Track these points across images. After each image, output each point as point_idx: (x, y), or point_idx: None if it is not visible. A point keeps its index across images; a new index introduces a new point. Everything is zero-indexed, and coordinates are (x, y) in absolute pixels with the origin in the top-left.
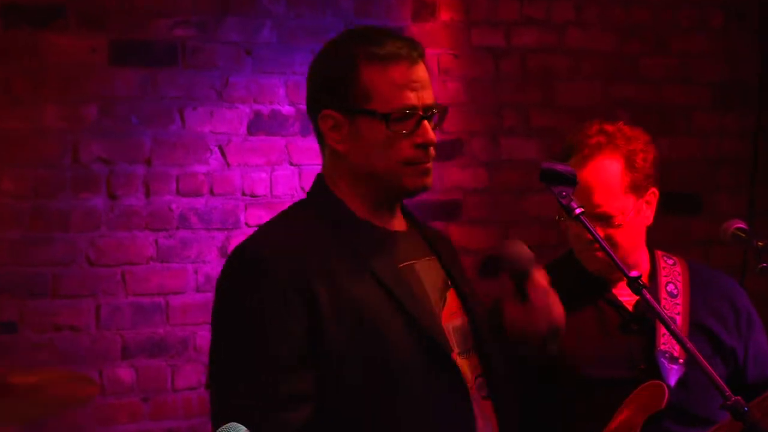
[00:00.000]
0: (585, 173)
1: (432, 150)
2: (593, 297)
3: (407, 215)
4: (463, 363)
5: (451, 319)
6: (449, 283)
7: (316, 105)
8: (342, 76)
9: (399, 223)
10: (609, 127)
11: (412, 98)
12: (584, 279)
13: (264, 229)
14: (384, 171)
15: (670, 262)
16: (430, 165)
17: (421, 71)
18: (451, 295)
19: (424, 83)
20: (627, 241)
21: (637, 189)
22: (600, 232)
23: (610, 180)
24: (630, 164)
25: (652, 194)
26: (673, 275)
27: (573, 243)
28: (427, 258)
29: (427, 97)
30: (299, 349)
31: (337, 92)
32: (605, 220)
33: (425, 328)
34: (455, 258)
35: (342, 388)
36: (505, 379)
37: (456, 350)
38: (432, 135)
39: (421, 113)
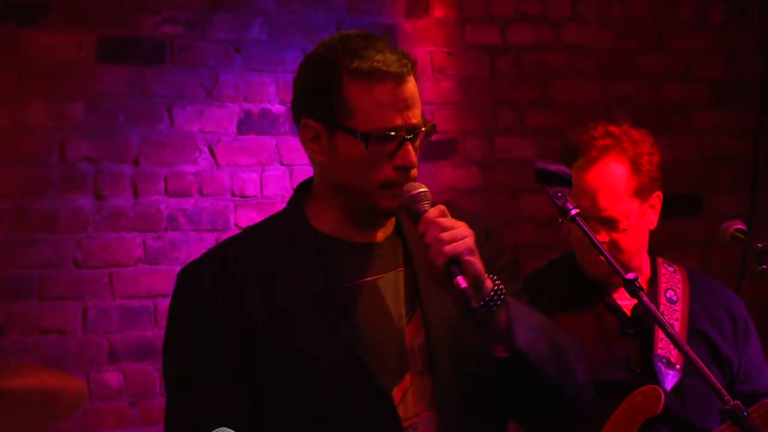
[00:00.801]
0: (591, 176)
1: (413, 172)
2: (592, 300)
3: (398, 223)
4: (425, 380)
5: (417, 334)
6: (416, 297)
7: (298, 111)
8: (325, 88)
9: (374, 235)
10: (615, 130)
11: (396, 119)
12: (583, 282)
13: (212, 248)
14: (359, 189)
15: (671, 269)
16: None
17: (408, 89)
18: (419, 310)
19: (410, 102)
20: (631, 245)
21: (642, 193)
22: (604, 237)
23: (616, 183)
24: (636, 168)
25: (657, 198)
26: (672, 282)
27: (576, 247)
28: (398, 270)
29: (413, 116)
30: (231, 368)
31: (318, 103)
32: (610, 224)
33: (361, 356)
34: None
35: (274, 409)
36: (456, 403)
37: (417, 367)
38: (413, 158)
39: (404, 134)
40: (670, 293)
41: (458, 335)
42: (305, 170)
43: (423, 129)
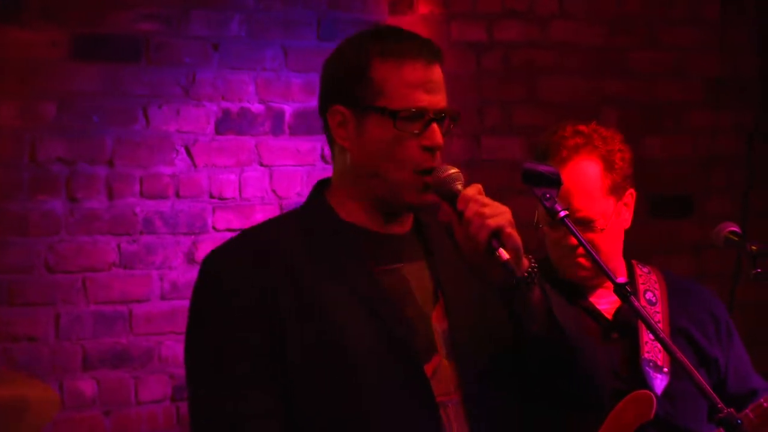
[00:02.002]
0: (564, 176)
1: (438, 155)
2: (570, 303)
3: (416, 216)
4: (451, 366)
5: (441, 321)
6: (439, 288)
7: (326, 101)
8: (354, 71)
9: (397, 226)
10: (584, 129)
11: (424, 99)
12: (559, 287)
13: (234, 237)
14: (387, 174)
15: (645, 270)
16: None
17: (436, 73)
18: (442, 299)
19: (438, 86)
20: (608, 245)
21: (616, 190)
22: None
23: (590, 183)
24: (609, 165)
25: (630, 196)
26: (650, 283)
27: (551, 250)
28: (421, 261)
29: (440, 100)
30: (260, 364)
31: (347, 87)
32: (586, 224)
33: (397, 333)
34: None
35: (307, 397)
36: (480, 388)
37: (444, 352)
38: (440, 138)
39: (431, 116)
40: (649, 295)
41: (480, 323)
42: (286, 171)
43: (448, 115)
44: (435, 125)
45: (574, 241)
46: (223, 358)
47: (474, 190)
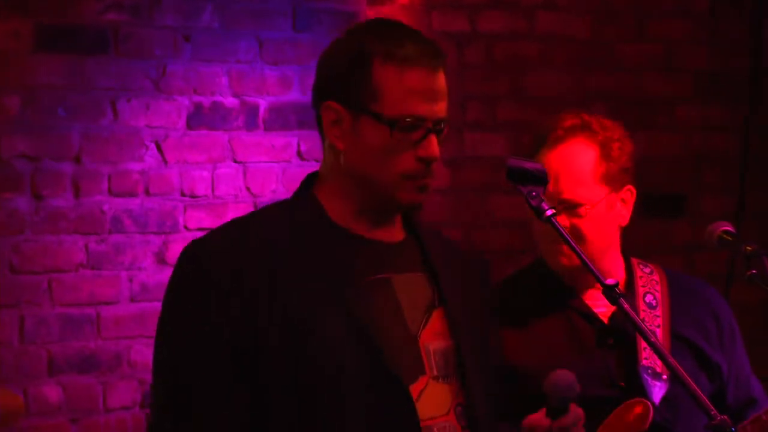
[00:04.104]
0: (554, 155)
1: (433, 167)
2: (563, 308)
3: (411, 225)
4: (441, 388)
5: (434, 339)
6: (437, 302)
7: (321, 94)
8: (353, 69)
9: (390, 234)
10: (585, 115)
11: (424, 108)
12: (552, 286)
13: (218, 228)
14: (378, 178)
15: (647, 270)
16: (428, 181)
17: (439, 82)
18: (437, 315)
19: (439, 95)
20: (595, 236)
21: (611, 181)
22: (565, 221)
23: (582, 165)
24: (605, 153)
25: (629, 192)
26: (651, 284)
27: (539, 239)
28: (416, 273)
29: (440, 110)
30: (230, 370)
31: (345, 85)
32: (570, 208)
33: (379, 347)
34: (462, 276)
35: (282, 410)
36: (486, 410)
37: (432, 373)
38: (436, 151)
39: (430, 126)
40: (649, 297)
41: (478, 345)
42: (260, 168)
43: (446, 126)
44: (433, 137)
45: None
46: (194, 352)
47: (580, 418)
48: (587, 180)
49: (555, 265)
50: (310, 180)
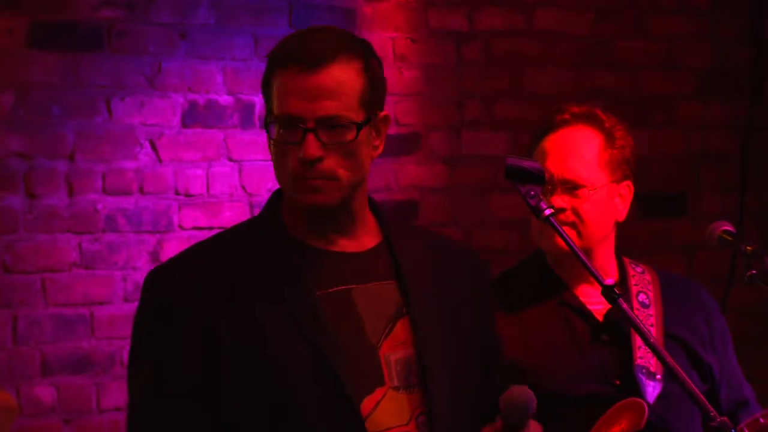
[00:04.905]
0: (560, 136)
1: (321, 166)
2: (559, 304)
3: (386, 229)
4: (402, 398)
5: (396, 349)
6: (404, 310)
7: None
8: (264, 77)
9: (355, 243)
10: (588, 107)
11: (296, 107)
12: (547, 280)
13: (182, 252)
14: (280, 183)
15: (639, 269)
16: (318, 182)
17: (320, 78)
18: (402, 323)
19: (320, 92)
20: (594, 222)
21: (613, 170)
22: (566, 202)
23: (587, 149)
24: (610, 140)
25: (627, 188)
26: (643, 284)
27: (535, 226)
28: (382, 282)
29: (323, 108)
30: (189, 380)
31: (264, 95)
32: (573, 189)
33: (333, 364)
34: (446, 275)
35: (239, 422)
36: (451, 419)
37: (392, 383)
38: (311, 150)
39: (310, 125)
40: (642, 296)
41: (450, 352)
42: (255, 167)
43: (345, 122)
44: (311, 136)
45: (554, 202)
46: (159, 372)
47: None
48: (591, 164)
49: (551, 247)
50: (275, 197)
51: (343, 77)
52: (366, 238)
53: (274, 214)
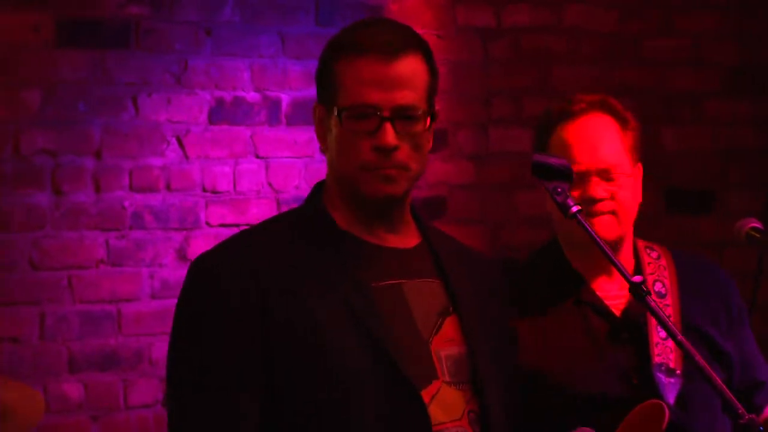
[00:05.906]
0: (581, 125)
1: (396, 156)
2: (576, 303)
3: (424, 230)
4: (454, 394)
5: (446, 345)
6: (451, 308)
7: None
8: (323, 67)
9: (402, 239)
10: (599, 95)
11: (374, 96)
12: (563, 277)
13: (229, 239)
14: (343, 173)
15: (654, 255)
16: (392, 172)
17: (397, 68)
18: (450, 321)
19: (398, 81)
20: (631, 206)
21: (633, 153)
22: (605, 191)
23: (611, 135)
24: (624, 124)
25: (639, 170)
26: (659, 271)
27: (554, 213)
28: (427, 279)
29: (401, 97)
30: (242, 370)
31: (319, 85)
32: (610, 177)
33: (391, 354)
34: (479, 282)
35: (293, 418)
36: (502, 418)
37: (445, 378)
38: (390, 139)
39: (385, 114)
40: (658, 286)
41: (495, 352)
42: (282, 163)
43: (418, 113)
44: (388, 125)
45: (594, 193)
46: (209, 365)
47: None
48: (619, 149)
49: (576, 237)
50: (318, 189)
51: (416, 68)
52: (409, 236)
53: (320, 206)
